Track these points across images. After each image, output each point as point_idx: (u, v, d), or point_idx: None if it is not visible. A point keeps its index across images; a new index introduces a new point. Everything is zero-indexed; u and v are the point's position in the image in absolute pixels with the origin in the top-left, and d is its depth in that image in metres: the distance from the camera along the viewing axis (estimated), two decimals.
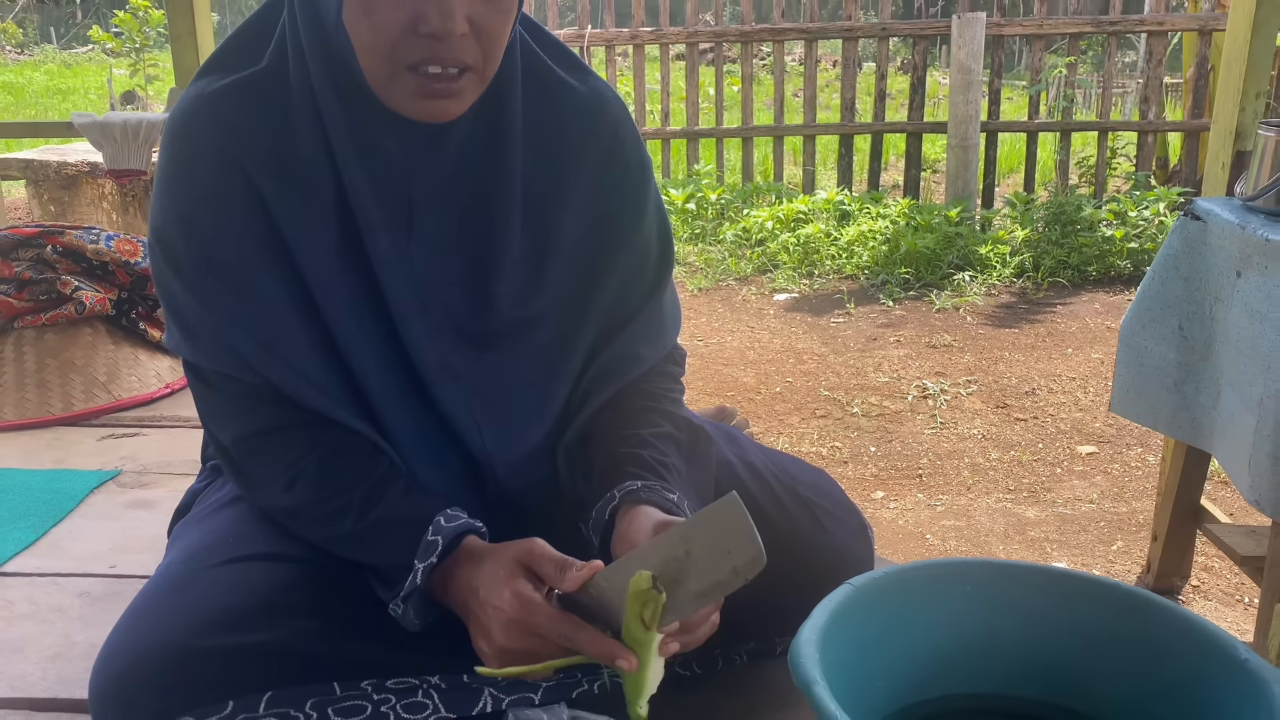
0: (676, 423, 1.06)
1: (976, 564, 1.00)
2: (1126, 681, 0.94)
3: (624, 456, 0.99)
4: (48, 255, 1.98)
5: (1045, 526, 2.60)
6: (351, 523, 0.93)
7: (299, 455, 0.95)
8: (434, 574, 0.90)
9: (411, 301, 0.97)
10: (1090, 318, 4.38)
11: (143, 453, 1.79)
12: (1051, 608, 0.98)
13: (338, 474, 0.94)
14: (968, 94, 5.59)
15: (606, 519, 0.95)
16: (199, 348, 0.96)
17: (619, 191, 1.06)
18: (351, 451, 0.96)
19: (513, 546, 0.88)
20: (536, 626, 0.83)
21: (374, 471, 0.95)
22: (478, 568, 0.88)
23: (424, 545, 0.90)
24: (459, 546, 0.91)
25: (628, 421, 1.03)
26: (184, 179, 0.95)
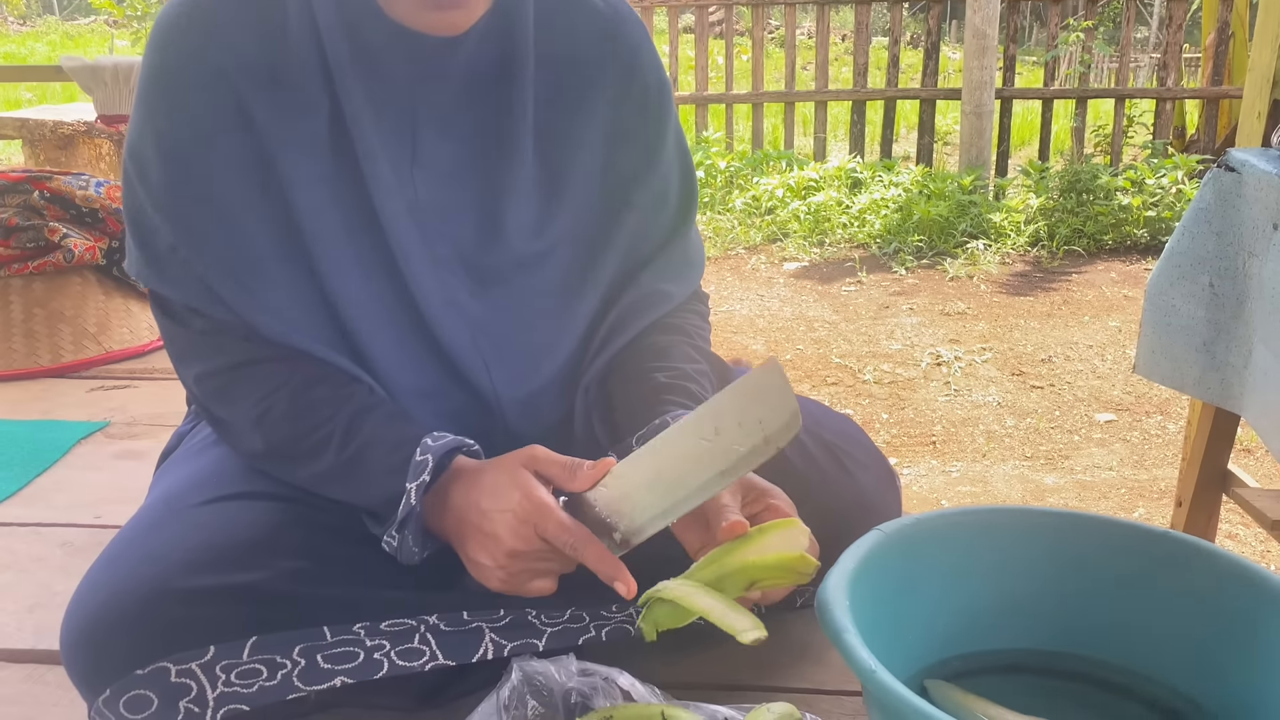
0: (711, 359, 1.00)
1: (1014, 511, 0.94)
2: (1174, 633, 0.87)
3: (668, 386, 0.92)
4: (35, 201, 1.91)
5: (1064, 493, 2.54)
6: (333, 455, 0.86)
7: (269, 390, 0.88)
8: (427, 496, 0.84)
9: (413, 232, 0.90)
10: (1106, 286, 4.29)
11: (133, 404, 1.73)
12: (1094, 557, 0.91)
13: (312, 407, 0.87)
14: (983, 59, 5.48)
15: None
16: (166, 278, 0.89)
17: (638, 117, 0.99)
18: (325, 382, 0.88)
19: (513, 455, 0.83)
20: (545, 528, 0.79)
21: (351, 400, 0.88)
22: (476, 481, 0.83)
23: (414, 466, 0.83)
24: (450, 465, 0.85)
25: (663, 355, 0.96)
26: (165, 92, 0.88)
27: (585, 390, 0.98)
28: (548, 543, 0.79)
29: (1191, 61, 9.08)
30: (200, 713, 0.80)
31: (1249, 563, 0.85)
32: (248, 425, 0.90)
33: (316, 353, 0.89)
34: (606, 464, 0.80)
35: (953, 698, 0.85)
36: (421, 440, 0.85)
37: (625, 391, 0.94)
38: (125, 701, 0.80)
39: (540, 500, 0.79)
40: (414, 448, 0.84)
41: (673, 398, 0.91)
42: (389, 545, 0.85)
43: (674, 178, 1.04)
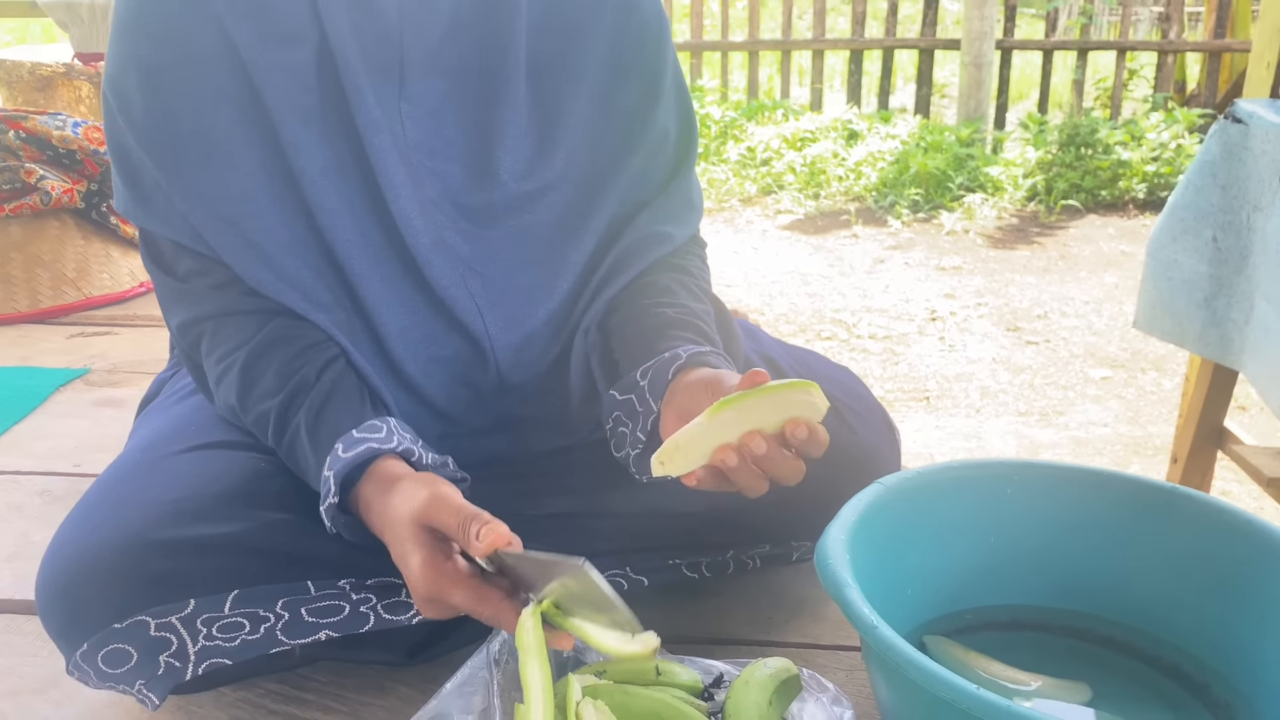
0: (714, 301, 0.96)
1: (1016, 464, 0.92)
2: (1174, 588, 0.86)
3: (676, 321, 0.87)
4: (9, 141, 1.85)
5: (1059, 449, 2.52)
6: (271, 440, 0.83)
7: (234, 347, 0.85)
8: (352, 499, 0.79)
9: (401, 171, 0.86)
10: (1104, 241, 4.26)
11: (114, 351, 1.69)
12: (1094, 510, 0.90)
13: (259, 377, 0.84)
14: (983, 9, 5.39)
15: (669, 378, 0.81)
16: (153, 214, 0.86)
17: (636, 53, 0.95)
18: (284, 345, 0.84)
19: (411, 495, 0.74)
20: (453, 601, 0.72)
21: (297, 374, 0.83)
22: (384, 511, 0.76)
23: (323, 481, 0.78)
24: (364, 475, 0.79)
25: (667, 291, 0.92)
26: (146, 21, 0.84)
27: (585, 333, 0.94)
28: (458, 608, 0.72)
29: (1194, 16, 8.96)
30: (181, 667, 0.78)
31: (1249, 515, 0.84)
32: (212, 380, 0.87)
33: (291, 303, 0.85)
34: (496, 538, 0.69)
35: (952, 653, 0.83)
36: (334, 448, 0.78)
37: (628, 328, 0.89)
38: (104, 655, 0.78)
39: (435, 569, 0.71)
40: (327, 454, 0.78)
41: (681, 332, 0.86)
42: (330, 529, 0.80)
43: (673, 117, 0.99)
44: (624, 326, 0.90)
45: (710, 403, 0.72)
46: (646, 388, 0.82)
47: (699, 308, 0.91)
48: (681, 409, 0.77)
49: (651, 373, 0.83)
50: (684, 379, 0.79)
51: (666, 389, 0.80)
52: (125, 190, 0.88)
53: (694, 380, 0.78)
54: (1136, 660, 0.86)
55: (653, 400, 0.81)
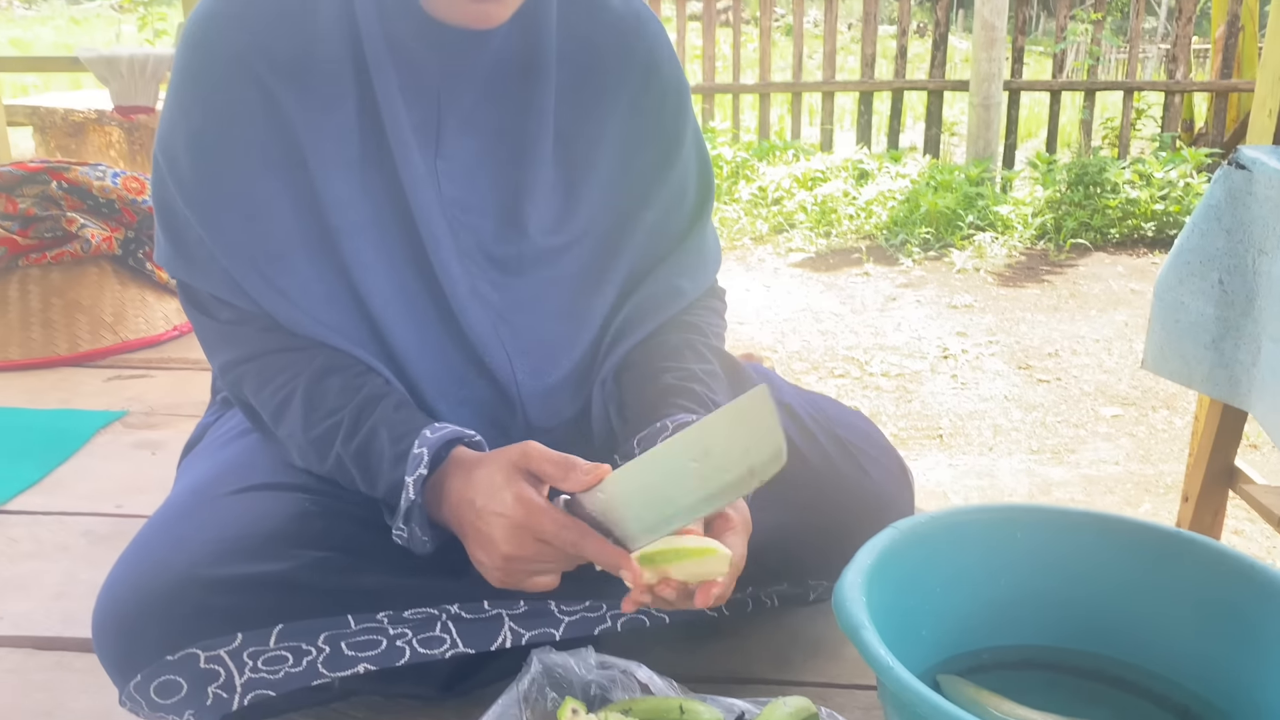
0: (722, 358, 1.00)
1: (1028, 509, 0.95)
2: (1186, 631, 0.89)
3: (674, 389, 0.93)
4: (53, 191, 1.92)
5: (1070, 488, 2.55)
6: (341, 445, 0.87)
7: (286, 380, 0.90)
8: (427, 487, 0.84)
9: (441, 223, 0.91)
10: (1114, 280, 4.30)
11: (150, 394, 1.74)
12: (1106, 554, 0.93)
13: (324, 397, 0.88)
14: (991, 51, 5.47)
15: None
16: (195, 269, 0.91)
17: (656, 116, 1.00)
18: (339, 372, 0.89)
19: (508, 451, 0.82)
20: (541, 531, 0.78)
21: (362, 389, 0.89)
22: (470, 475, 0.82)
23: (411, 458, 0.84)
24: (448, 456, 0.85)
25: (674, 354, 0.97)
26: (196, 88, 0.89)
27: (601, 384, 0.99)
28: (546, 542, 0.78)
29: (1200, 53, 9.05)
30: (228, 698, 0.82)
31: (1257, 562, 0.87)
32: (269, 414, 0.92)
33: (334, 343, 0.91)
34: (602, 470, 0.78)
35: (966, 693, 0.86)
36: (420, 432, 0.85)
37: (635, 391, 0.96)
38: (155, 687, 0.82)
39: (532, 503, 0.78)
40: (414, 439, 0.85)
41: (678, 400, 0.91)
42: (399, 537, 0.86)
43: (692, 176, 1.05)
44: (632, 388, 0.96)
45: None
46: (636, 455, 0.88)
47: (703, 369, 0.96)
48: None
49: (643, 443, 0.89)
50: None
51: None
52: (168, 245, 0.93)
53: None
54: (1146, 700, 0.89)
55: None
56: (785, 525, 0.96)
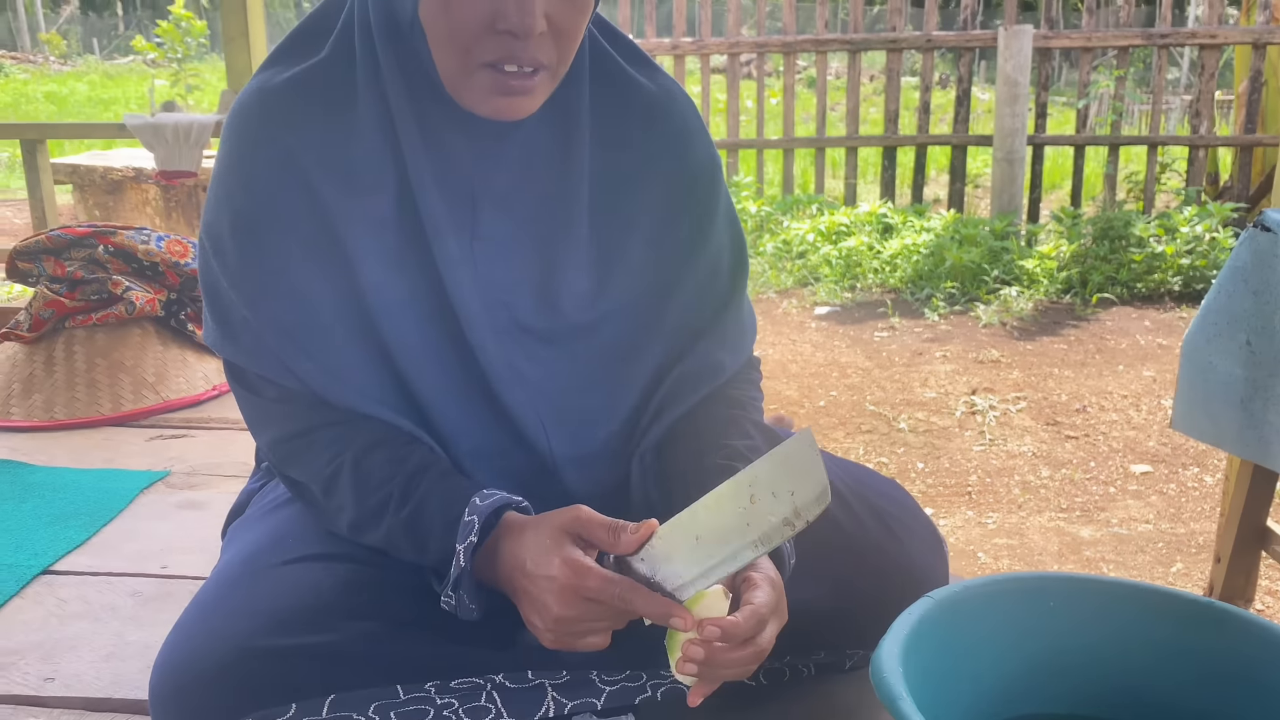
0: (765, 434, 1.02)
1: (1060, 578, 0.96)
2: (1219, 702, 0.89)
3: (718, 468, 0.95)
4: (99, 255, 1.98)
5: (1101, 546, 2.53)
6: (392, 516, 0.90)
7: (335, 454, 0.92)
8: (478, 555, 0.87)
9: (477, 302, 0.95)
10: (1141, 335, 4.29)
11: (191, 454, 1.78)
12: (1138, 624, 0.94)
13: (373, 469, 0.91)
14: (1014, 106, 5.52)
15: None
16: (240, 349, 0.94)
17: (689, 192, 1.03)
18: (386, 445, 0.92)
19: (557, 515, 0.85)
20: (590, 591, 0.80)
21: (409, 460, 0.92)
22: (520, 539, 0.85)
23: (462, 526, 0.86)
24: (499, 523, 0.88)
25: (717, 430, 0.99)
26: (240, 175, 0.94)
27: (641, 457, 1.01)
28: (595, 601, 0.80)
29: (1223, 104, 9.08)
30: None
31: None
32: (318, 489, 0.94)
33: (379, 415, 0.94)
34: (649, 527, 0.81)
35: None
36: (470, 499, 0.88)
37: (678, 468, 0.98)
38: None
39: (579, 564, 0.80)
40: (464, 506, 0.87)
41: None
42: (447, 604, 0.88)
43: (725, 250, 1.07)
44: (675, 464, 0.98)
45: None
46: None
47: (746, 445, 0.98)
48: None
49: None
50: None
51: None
52: (215, 327, 0.97)
53: None
54: None
55: None
56: (822, 594, 0.97)
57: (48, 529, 1.48)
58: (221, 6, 2.08)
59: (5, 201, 8.25)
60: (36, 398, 1.90)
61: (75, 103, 14.76)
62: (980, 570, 2.42)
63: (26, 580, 1.34)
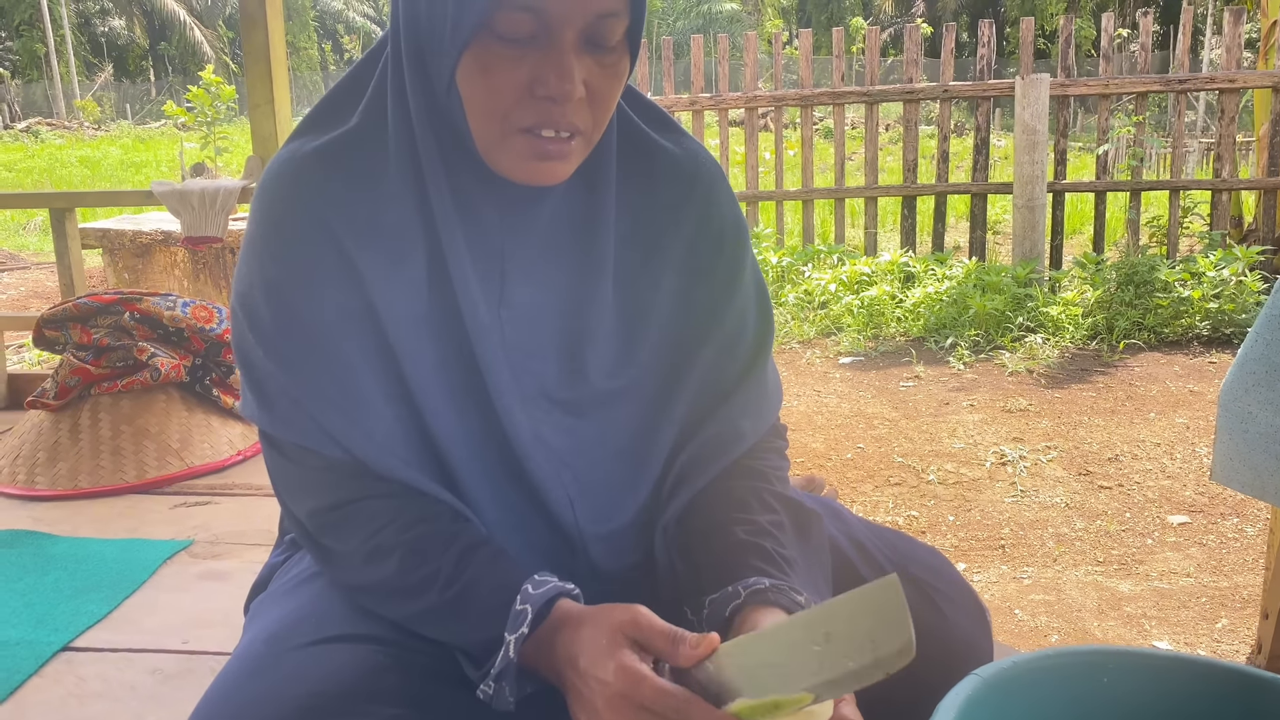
0: (789, 507, 0.99)
1: (1113, 652, 0.92)
2: None
3: (743, 546, 0.92)
4: (125, 322, 1.99)
5: (1141, 602, 2.47)
6: (437, 594, 0.87)
7: (379, 527, 0.90)
8: (525, 645, 0.84)
9: (505, 370, 0.93)
10: (1170, 380, 4.23)
11: (215, 522, 1.76)
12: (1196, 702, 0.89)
13: (421, 544, 0.89)
14: (1033, 154, 5.52)
15: (727, 615, 0.88)
16: (277, 417, 0.93)
17: (714, 256, 1.02)
18: (435, 520, 0.90)
19: (615, 612, 0.81)
20: (643, 699, 0.76)
21: (459, 539, 0.89)
22: (576, 634, 0.82)
23: (513, 615, 0.84)
24: (550, 613, 0.85)
25: (740, 505, 0.96)
26: (273, 243, 0.93)
27: (664, 530, 0.98)
28: (648, 710, 0.77)
29: (1244, 146, 9.05)
30: None
31: None
32: (359, 560, 0.92)
33: (425, 489, 0.92)
34: (711, 642, 0.78)
35: None
36: (522, 587, 0.85)
37: (701, 543, 0.95)
38: None
39: (635, 672, 0.77)
40: (515, 593, 0.85)
41: (749, 559, 0.91)
42: (484, 694, 0.85)
43: (750, 314, 1.05)
44: (697, 539, 0.95)
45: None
46: (705, 617, 0.89)
47: (770, 520, 0.95)
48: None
49: (714, 604, 0.89)
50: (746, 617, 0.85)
51: (725, 625, 0.87)
52: (252, 398, 0.95)
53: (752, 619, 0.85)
54: None
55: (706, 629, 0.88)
56: None
57: (69, 602, 1.46)
58: (246, 74, 2.11)
59: (40, 264, 8.39)
60: (61, 466, 1.90)
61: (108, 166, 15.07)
62: (1017, 628, 2.35)
63: (46, 658, 1.31)
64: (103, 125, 24.30)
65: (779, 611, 0.86)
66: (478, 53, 0.85)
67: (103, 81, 29.98)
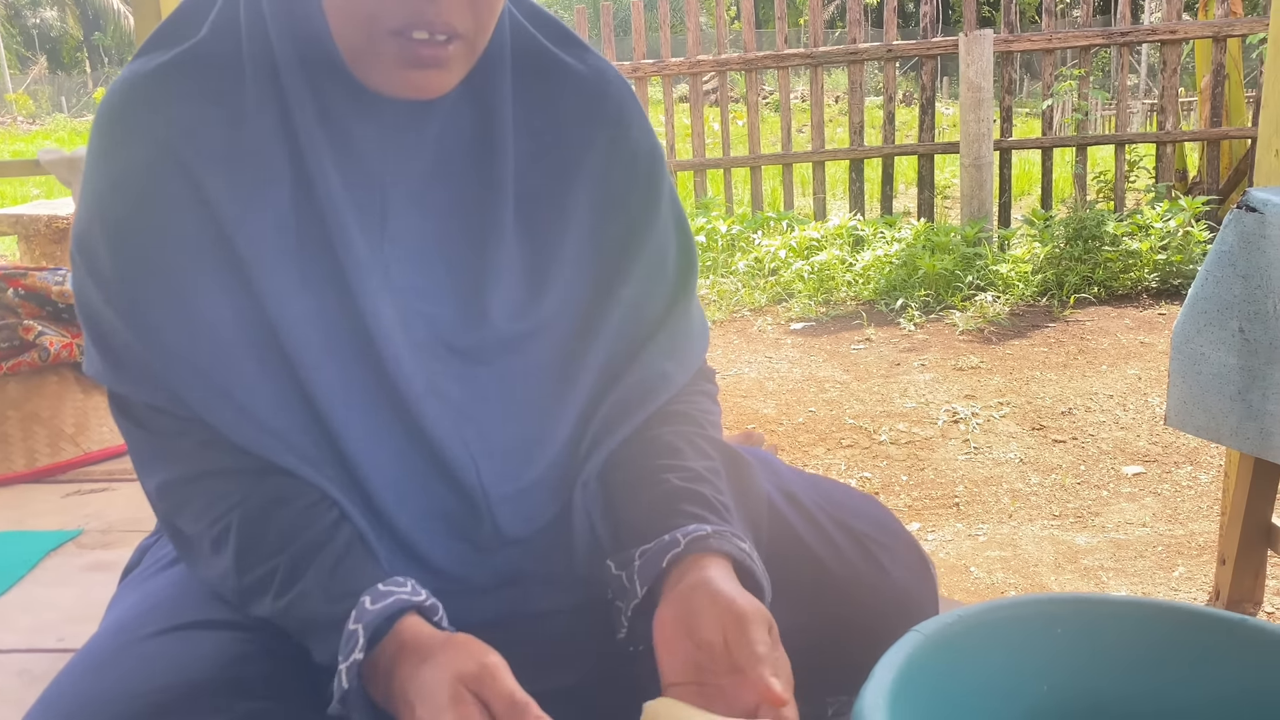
0: (724, 452, 0.90)
1: (1064, 600, 0.84)
2: None
3: (679, 492, 0.82)
4: (8, 299, 1.84)
5: (1098, 554, 2.41)
6: (271, 601, 0.76)
7: (228, 506, 0.79)
8: (366, 665, 0.73)
9: (392, 313, 0.82)
10: (1121, 333, 4.20)
11: (110, 509, 1.63)
12: (1152, 648, 0.81)
13: (257, 537, 0.78)
14: (979, 112, 5.47)
15: (664, 567, 0.78)
16: (123, 376, 0.81)
17: (628, 183, 0.91)
18: (285, 504, 0.79)
19: (461, 659, 0.71)
20: None
21: (302, 534, 0.78)
22: (416, 673, 0.71)
23: (345, 636, 0.72)
24: (391, 630, 0.74)
25: (671, 451, 0.87)
26: (112, 176, 0.81)
27: (584, 485, 0.88)
28: None
29: (1186, 105, 9.11)
30: None
31: None
32: (206, 548, 0.81)
33: (285, 463, 0.80)
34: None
35: None
36: (359, 601, 0.74)
37: (629, 495, 0.85)
38: None
39: None
40: (350, 606, 0.73)
41: (686, 506, 0.81)
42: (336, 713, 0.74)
43: (671, 246, 0.95)
44: (625, 491, 0.85)
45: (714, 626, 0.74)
46: (638, 569, 0.79)
47: (705, 466, 0.86)
48: (681, 620, 0.75)
49: (648, 555, 0.79)
50: (687, 580, 0.76)
51: (661, 577, 0.77)
52: (96, 352, 0.83)
53: (699, 590, 0.76)
54: None
55: (640, 584, 0.79)
56: (795, 635, 0.84)
57: None
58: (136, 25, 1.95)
59: None
60: None
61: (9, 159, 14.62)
62: (974, 586, 2.29)
63: None
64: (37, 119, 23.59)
65: (723, 560, 0.78)
66: None
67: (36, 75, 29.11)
